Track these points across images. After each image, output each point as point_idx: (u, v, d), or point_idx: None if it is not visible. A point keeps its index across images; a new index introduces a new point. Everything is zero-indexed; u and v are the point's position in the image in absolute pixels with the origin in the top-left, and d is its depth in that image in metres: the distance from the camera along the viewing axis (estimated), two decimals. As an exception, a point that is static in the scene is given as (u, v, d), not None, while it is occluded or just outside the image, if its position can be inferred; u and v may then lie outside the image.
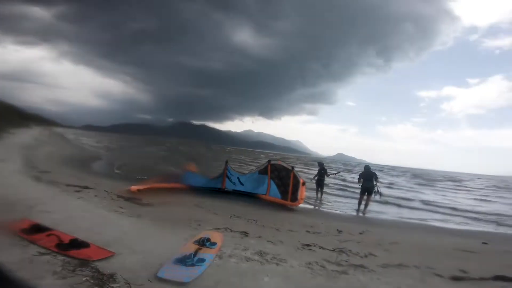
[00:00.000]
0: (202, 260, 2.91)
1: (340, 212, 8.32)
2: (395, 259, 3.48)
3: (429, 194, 15.97)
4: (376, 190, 8.17)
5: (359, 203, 8.50)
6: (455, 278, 2.82)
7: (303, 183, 7.71)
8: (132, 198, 5.88)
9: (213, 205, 6.40)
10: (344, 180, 17.28)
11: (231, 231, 4.26)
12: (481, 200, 15.04)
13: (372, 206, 8.81)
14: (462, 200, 14.50)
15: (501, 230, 7.30)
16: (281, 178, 8.16)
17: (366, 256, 3.65)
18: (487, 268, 3.31)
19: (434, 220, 8.08)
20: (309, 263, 3.08)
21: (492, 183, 36.91)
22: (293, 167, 8.06)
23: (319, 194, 9.95)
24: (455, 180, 36.70)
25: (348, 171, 30.19)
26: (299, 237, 4.43)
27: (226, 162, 8.73)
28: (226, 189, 8.48)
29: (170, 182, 8.27)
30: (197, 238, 3.57)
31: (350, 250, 3.82)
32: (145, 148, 33.02)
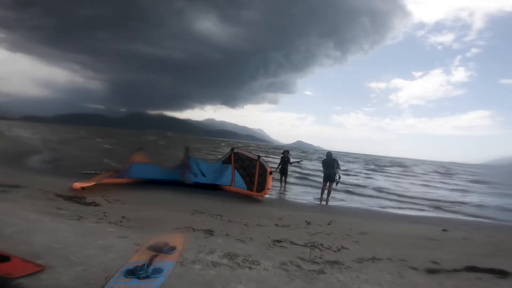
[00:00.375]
0: (159, 271, 2.42)
1: (305, 202, 8.25)
2: (367, 252, 3.37)
3: (381, 181, 17.14)
4: (337, 177, 8.21)
5: (322, 191, 8.49)
6: (430, 271, 2.77)
7: (271, 172, 7.39)
8: (74, 197, 5.06)
9: (170, 200, 5.81)
10: (303, 168, 17.60)
11: (194, 230, 3.80)
12: (427, 186, 16.46)
13: (333, 194, 8.90)
14: (411, 186, 15.69)
15: (452, 216, 7.78)
16: (245, 167, 7.76)
17: (339, 250, 3.49)
18: (456, 258, 3.35)
19: (391, 207, 8.40)
20: (284, 264, 2.78)
21: (433, 168, 41.50)
22: (259, 156, 7.64)
23: (283, 183, 9.83)
24: (402, 166, 40.59)
25: (307, 158, 31.17)
26: (269, 232, 4.13)
27: (187, 149, 8.01)
28: (186, 182, 7.88)
29: (120, 177, 7.33)
30: (152, 242, 3.04)
31: (322, 244, 3.64)
32: (93, 140, 29.82)
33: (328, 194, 8.35)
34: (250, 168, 7.66)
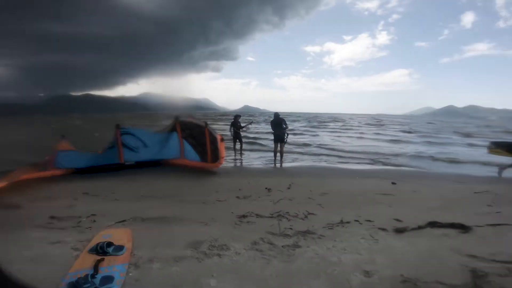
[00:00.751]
0: (109, 279, 1.94)
1: (260, 166, 8.08)
2: (334, 216, 3.28)
3: (325, 137, 18.19)
4: (286, 137, 8.16)
5: (275, 154, 8.43)
6: (398, 230, 2.78)
7: (222, 139, 6.77)
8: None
9: (109, 188, 4.89)
10: (250, 132, 17.47)
11: (143, 220, 3.23)
12: (365, 138, 17.95)
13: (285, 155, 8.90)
14: (352, 140, 16.84)
15: (394, 168, 8.21)
16: (195, 136, 7.00)
17: (306, 216, 3.34)
18: (415, 213, 3.46)
19: (339, 163, 8.76)
20: (255, 243, 2.50)
21: (366, 121, 46.05)
22: (206, 123, 6.91)
23: (238, 150, 9.58)
24: (340, 121, 44.06)
25: (256, 122, 31.29)
26: (231, 207, 3.77)
27: (117, 126, 6.74)
28: (126, 163, 6.82)
29: (43, 170, 5.96)
30: (93, 243, 2.45)
31: (288, 213, 3.45)
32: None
33: (281, 155, 8.31)
34: (200, 136, 6.92)
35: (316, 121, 41.68)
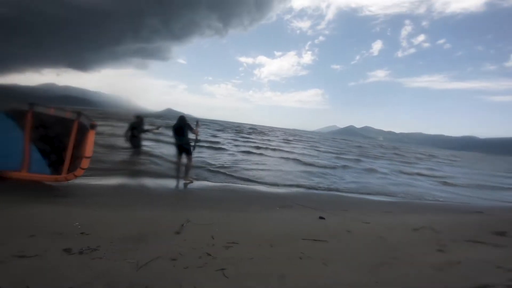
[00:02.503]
0: None
1: (152, 185, 5.97)
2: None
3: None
4: (191, 147, 6.39)
5: (177, 169, 6.58)
6: None
7: (93, 126, 4.62)
8: None
9: None
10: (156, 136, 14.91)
11: None
12: (285, 158, 17.68)
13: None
14: (274, 159, 16.28)
15: (311, 191, 7.21)
16: (52, 138, 4.69)
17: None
18: (360, 278, 2.29)
19: (252, 182, 7.47)
20: None
21: (286, 136, 47.51)
22: (79, 114, 4.69)
23: (134, 156, 7.63)
24: (261, 133, 44.55)
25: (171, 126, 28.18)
26: (49, 273, 1.82)
27: None
28: None
29: None
30: None
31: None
32: None
33: (186, 171, 6.41)
34: (60, 137, 4.67)
35: (239, 131, 41.15)
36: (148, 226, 3.20)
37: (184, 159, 6.49)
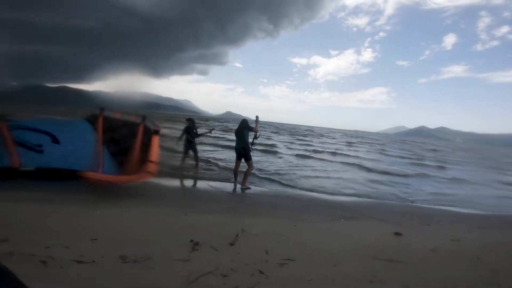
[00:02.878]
0: None
1: (208, 188, 5.95)
2: None
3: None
4: (247, 150, 6.07)
5: (234, 173, 6.37)
6: None
7: (157, 132, 4.81)
8: None
9: None
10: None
11: None
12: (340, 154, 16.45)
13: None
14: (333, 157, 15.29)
15: (383, 201, 6.63)
16: (118, 140, 5.06)
17: None
18: None
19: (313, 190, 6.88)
20: None
21: (347, 137, 44.51)
22: (144, 117, 4.97)
23: (185, 161, 7.54)
24: (318, 135, 42.86)
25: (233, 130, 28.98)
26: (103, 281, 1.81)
27: (2, 117, 4.53)
28: (22, 168, 4.45)
29: None
30: None
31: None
32: None
33: (244, 177, 6.08)
34: (127, 139, 4.99)
35: (299, 134, 40.22)
36: (203, 234, 3.05)
37: (241, 164, 6.32)
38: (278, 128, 52.85)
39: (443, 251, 3.11)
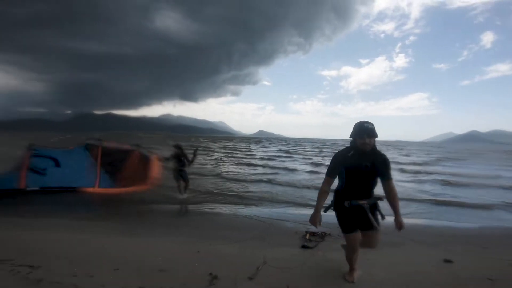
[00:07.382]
0: None
1: (229, 217, 5.83)
2: None
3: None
4: None
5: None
6: None
7: (158, 159, 6.59)
8: None
9: None
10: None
11: None
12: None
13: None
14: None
15: (432, 223, 6.22)
16: (113, 162, 6.48)
17: None
18: None
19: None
20: None
21: (391, 149, 41.55)
22: (138, 146, 6.70)
23: (182, 188, 7.03)
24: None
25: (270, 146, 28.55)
26: None
27: (30, 146, 6.11)
28: (28, 188, 5.61)
29: None
30: None
31: None
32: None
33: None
34: (120, 161, 6.48)
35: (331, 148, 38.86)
36: (222, 265, 2.92)
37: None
38: (312, 142, 50.99)
39: (502, 280, 2.64)
